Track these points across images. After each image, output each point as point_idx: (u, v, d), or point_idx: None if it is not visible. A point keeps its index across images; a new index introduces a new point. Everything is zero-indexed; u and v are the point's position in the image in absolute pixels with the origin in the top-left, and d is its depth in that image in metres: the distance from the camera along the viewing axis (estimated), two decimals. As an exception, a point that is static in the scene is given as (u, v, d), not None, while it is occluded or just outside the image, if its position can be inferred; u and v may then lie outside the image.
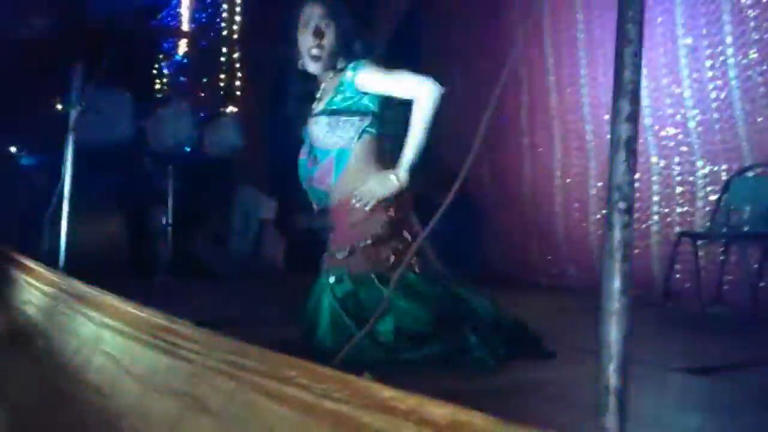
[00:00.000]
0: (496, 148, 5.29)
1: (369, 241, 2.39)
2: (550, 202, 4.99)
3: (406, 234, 2.45)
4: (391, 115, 2.51)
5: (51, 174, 3.90)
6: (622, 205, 0.89)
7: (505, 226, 5.36)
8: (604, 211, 4.58)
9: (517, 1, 5.18)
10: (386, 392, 0.99)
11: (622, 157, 0.89)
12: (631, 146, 0.90)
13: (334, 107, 2.50)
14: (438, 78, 2.40)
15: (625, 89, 0.91)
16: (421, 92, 2.36)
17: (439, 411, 0.92)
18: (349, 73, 2.49)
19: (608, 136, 3.07)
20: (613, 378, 0.86)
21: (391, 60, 2.60)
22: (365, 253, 2.38)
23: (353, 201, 2.42)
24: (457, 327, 2.24)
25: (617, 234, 0.88)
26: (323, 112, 2.53)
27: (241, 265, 5.67)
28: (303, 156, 2.60)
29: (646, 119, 4.28)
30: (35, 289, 2.84)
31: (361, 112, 2.47)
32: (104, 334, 1.84)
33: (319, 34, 2.52)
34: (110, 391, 1.65)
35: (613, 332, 0.86)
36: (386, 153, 2.52)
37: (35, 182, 5.76)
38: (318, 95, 2.63)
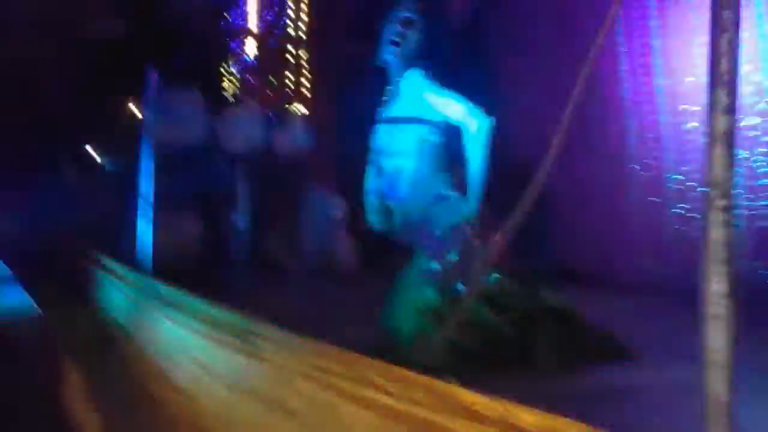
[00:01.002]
0: (568, 141, 5.16)
1: (453, 258, 2.38)
2: (627, 196, 4.84)
3: (487, 247, 2.42)
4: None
5: (132, 177, 4.03)
6: (721, 202, 0.83)
7: (581, 221, 5.22)
8: (682, 205, 4.45)
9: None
10: (471, 397, 0.97)
11: (721, 151, 0.84)
12: (730, 140, 0.85)
13: (394, 115, 2.51)
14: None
15: (722, 79, 0.86)
16: (471, 123, 2.39)
17: (528, 417, 0.90)
18: (411, 82, 2.48)
19: (684, 127, 2.96)
20: (719, 388, 0.81)
21: (460, 54, 2.60)
22: (452, 268, 2.37)
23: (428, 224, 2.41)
24: (530, 330, 2.21)
25: (717, 233, 0.83)
26: (384, 120, 2.54)
27: (312, 263, 5.73)
28: (369, 164, 2.61)
29: (726, 108, 4.09)
30: (120, 291, 2.93)
31: (419, 120, 2.46)
32: (189, 337, 1.88)
33: (406, 23, 2.52)
34: (195, 392, 1.69)
35: (718, 339, 0.81)
36: (449, 159, 2.50)
37: (117, 186, 5.97)
38: (385, 97, 2.63)
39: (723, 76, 0.87)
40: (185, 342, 1.90)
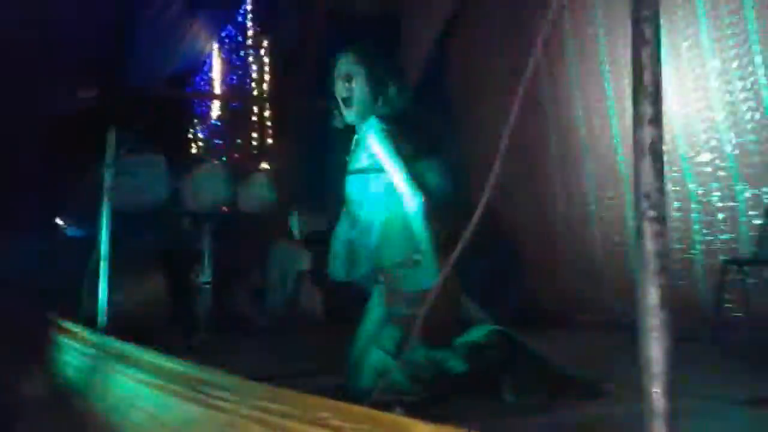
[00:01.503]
0: (528, 184, 5.23)
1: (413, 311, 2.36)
2: (588, 236, 4.89)
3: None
4: None
5: (93, 241, 3.97)
6: (651, 213, 0.84)
7: (544, 263, 5.25)
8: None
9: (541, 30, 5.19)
10: (420, 427, 0.94)
11: (648, 162, 0.85)
12: (657, 150, 0.86)
13: (360, 166, 2.52)
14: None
15: (646, 91, 0.87)
16: (407, 200, 2.40)
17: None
18: (367, 133, 2.50)
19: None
20: (657, 400, 0.80)
21: (420, 92, 2.63)
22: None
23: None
24: (492, 367, 2.20)
25: (649, 245, 0.83)
26: (352, 171, 2.55)
27: (280, 318, 5.65)
28: (343, 213, 2.61)
29: (680, 147, 4.19)
30: (75, 350, 2.86)
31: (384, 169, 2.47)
32: (140, 390, 1.83)
33: (348, 78, 2.57)
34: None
35: (654, 350, 0.80)
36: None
37: (79, 251, 5.87)
38: (352, 147, 2.65)
39: (646, 87, 0.88)
40: (136, 395, 1.85)
